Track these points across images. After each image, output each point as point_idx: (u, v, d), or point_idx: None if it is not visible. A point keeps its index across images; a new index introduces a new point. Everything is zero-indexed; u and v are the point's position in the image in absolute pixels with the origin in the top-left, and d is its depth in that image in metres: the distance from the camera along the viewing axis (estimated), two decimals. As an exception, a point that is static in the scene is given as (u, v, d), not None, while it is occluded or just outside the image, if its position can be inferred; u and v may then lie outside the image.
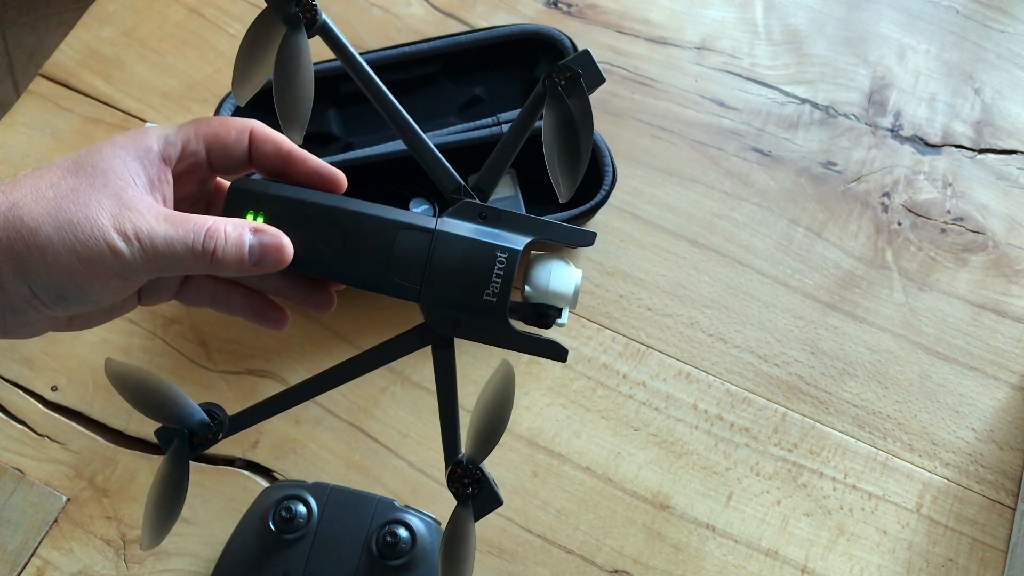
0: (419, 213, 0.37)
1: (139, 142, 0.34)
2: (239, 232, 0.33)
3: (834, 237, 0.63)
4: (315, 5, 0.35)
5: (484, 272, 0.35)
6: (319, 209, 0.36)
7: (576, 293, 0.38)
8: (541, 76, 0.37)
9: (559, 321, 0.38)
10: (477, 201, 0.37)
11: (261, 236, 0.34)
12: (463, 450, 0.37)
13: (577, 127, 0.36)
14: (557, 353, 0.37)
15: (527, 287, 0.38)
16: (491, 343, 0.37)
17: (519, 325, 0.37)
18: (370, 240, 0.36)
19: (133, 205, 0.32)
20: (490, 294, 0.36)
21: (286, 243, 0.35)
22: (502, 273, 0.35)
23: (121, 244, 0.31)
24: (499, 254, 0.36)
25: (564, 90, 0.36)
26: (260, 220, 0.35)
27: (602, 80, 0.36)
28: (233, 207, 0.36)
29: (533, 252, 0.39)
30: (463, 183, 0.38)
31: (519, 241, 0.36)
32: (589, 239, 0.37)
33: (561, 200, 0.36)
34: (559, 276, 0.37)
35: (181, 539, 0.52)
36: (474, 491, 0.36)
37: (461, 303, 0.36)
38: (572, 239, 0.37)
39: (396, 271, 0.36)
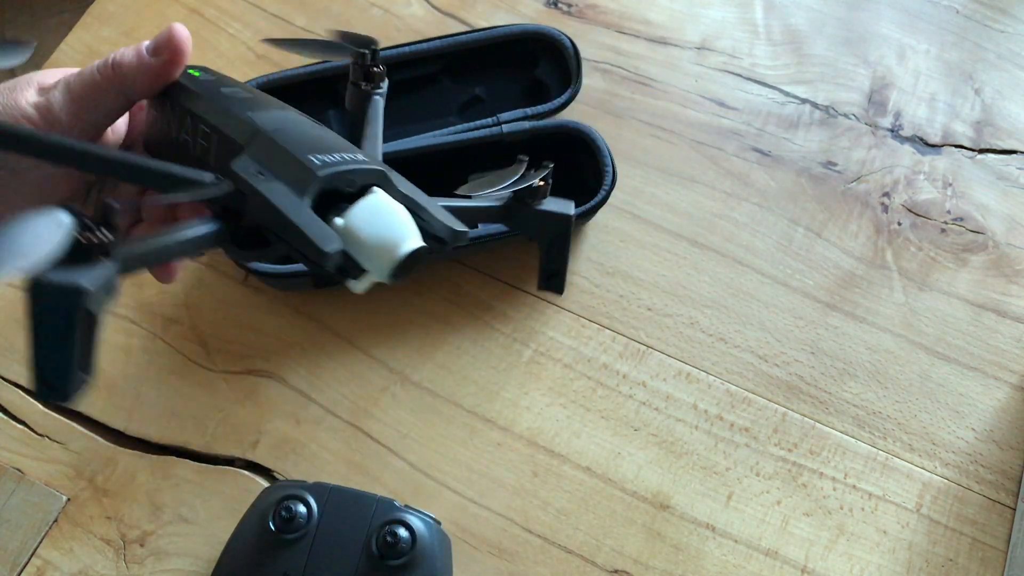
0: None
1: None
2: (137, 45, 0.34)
3: (834, 237, 0.63)
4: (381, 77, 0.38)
5: (326, 144, 0.30)
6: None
7: (399, 265, 0.28)
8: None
9: (351, 283, 0.29)
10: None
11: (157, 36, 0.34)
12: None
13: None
14: (315, 264, 0.27)
15: (339, 219, 0.29)
16: (268, 209, 0.28)
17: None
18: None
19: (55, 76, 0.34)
20: (318, 161, 0.29)
21: (181, 30, 0.34)
22: (345, 161, 0.29)
23: (39, 98, 0.33)
24: (356, 154, 0.30)
25: None
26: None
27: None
28: None
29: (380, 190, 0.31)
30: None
31: (380, 166, 0.31)
32: (459, 236, 0.31)
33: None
34: (389, 227, 0.28)
35: (181, 539, 0.52)
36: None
37: (283, 150, 0.29)
38: (440, 225, 0.31)
39: (253, 107, 0.32)
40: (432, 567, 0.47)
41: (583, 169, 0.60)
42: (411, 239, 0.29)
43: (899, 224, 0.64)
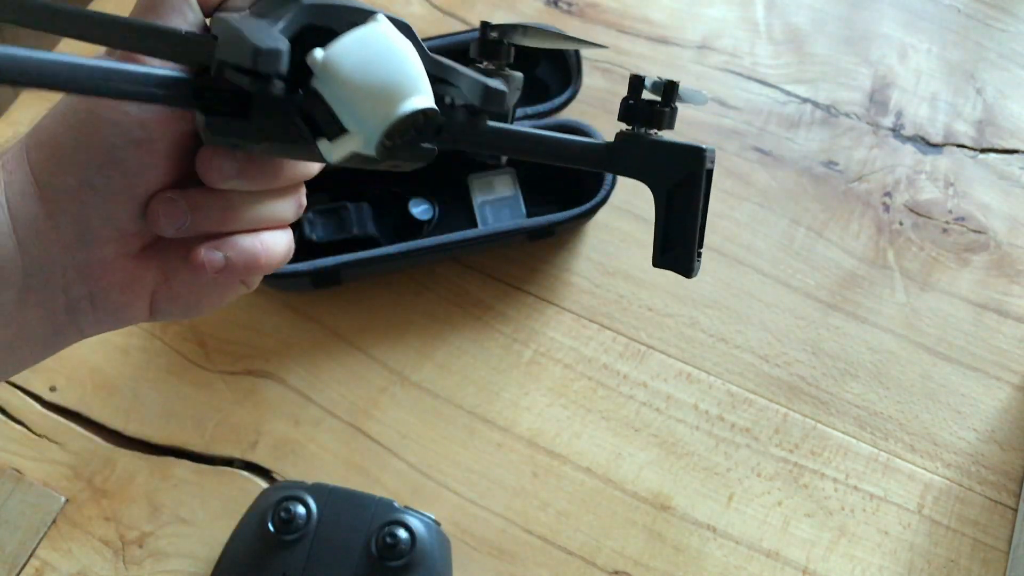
0: None
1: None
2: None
3: (835, 237, 0.62)
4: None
5: None
6: None
7: (395, 127, 0.22)
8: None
9: (322, 146, 0.23)
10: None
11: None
12: None
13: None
14: (256, 84, 0.22)
15: (319, 50, 0.22)
16: (225, 34, 0.22)
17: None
18: None
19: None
20: None
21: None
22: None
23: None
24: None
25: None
26: None
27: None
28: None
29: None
30: None
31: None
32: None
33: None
34: (388, 69, 0.22)
35: (180, 539, 0.52)
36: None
37: None
38: (471, 83, 0.24)
39: None
40: (432, 568, 0.47)
41: (583, 169, 0.60)
42: (419, 94, 0.22)
43: (901, 224, 0.63)
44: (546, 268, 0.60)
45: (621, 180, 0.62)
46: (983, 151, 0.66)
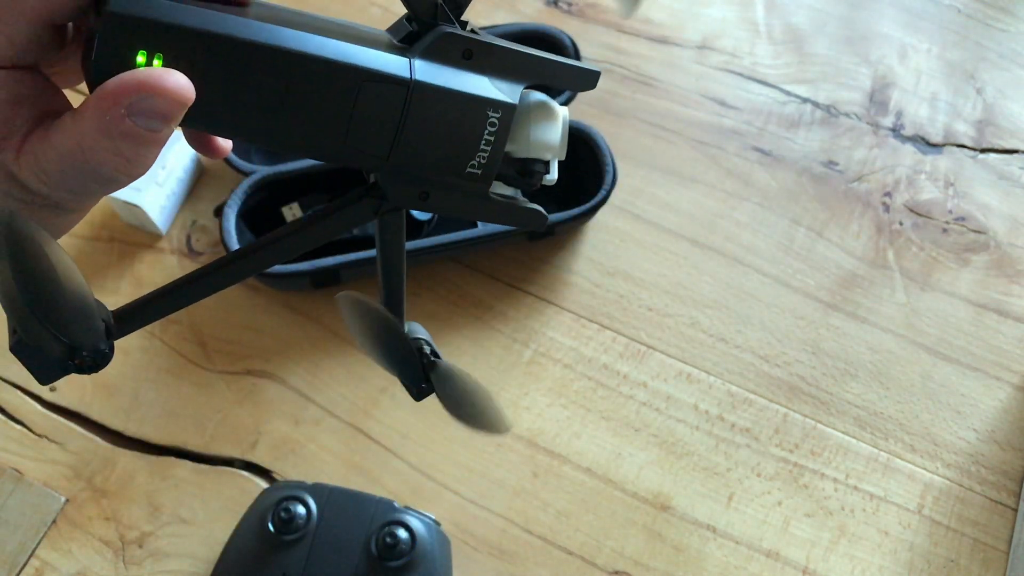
0: (388, 55, 0.29)
1: None
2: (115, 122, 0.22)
3: (835, 237, 0.63)
4: None
5: (471, 138, 0.29)
6: (251, 50, 0.25)
7: (564, 138, 0.30)
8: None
9: (547, 177, 0.31)
10: (459, 32, 0.29)
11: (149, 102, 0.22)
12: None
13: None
14: (536, 220, 0.31)
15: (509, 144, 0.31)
16: (462, 215, 0.31)
17: (497, 187, 0.31)
18: (323, 95, 0.27)
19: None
20: (475, 165, 0.29)
21: (179, 86, 0.23)
22: (492, 139, 0.29)
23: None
24: (491, 113, 0.29)
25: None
26: (158, 65, 0.24)
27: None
28: (112, 47, 0.23)
29: None
30: (441, 2, 0.30)
31: (512, 91, 0.29)
32: (592, 79, 0.30)
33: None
34: (540, 119, 0.30)
35: (180, 540, 0.52)
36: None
37: (437, 176, 0.29)
38: (575, 81, 0.30)
39: (356, 136, 0.28)
40: (432, 568, 0.47)
41: (583, 169, 0.60)
42: (557, 111, 0.30)
43: (901, 224, 0.63)
44: (546, 268, 0.60)
45: (621, 180, 0.62)
46: (983, 151, 0.66)
